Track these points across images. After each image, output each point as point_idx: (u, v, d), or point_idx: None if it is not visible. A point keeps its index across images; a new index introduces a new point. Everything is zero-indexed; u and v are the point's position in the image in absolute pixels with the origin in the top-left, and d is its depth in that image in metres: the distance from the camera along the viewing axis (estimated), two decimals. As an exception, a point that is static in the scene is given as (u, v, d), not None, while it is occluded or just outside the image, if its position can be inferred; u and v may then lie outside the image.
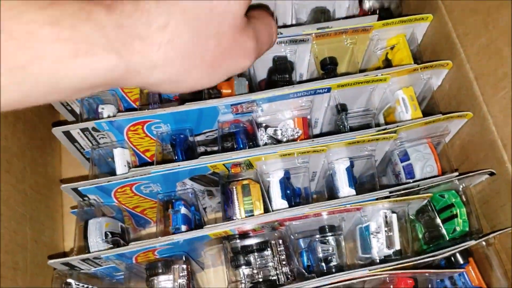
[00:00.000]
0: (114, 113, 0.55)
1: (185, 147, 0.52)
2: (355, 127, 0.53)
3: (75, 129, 0.51)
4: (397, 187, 0.47)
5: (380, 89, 0.52)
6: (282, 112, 0.52)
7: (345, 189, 0.50)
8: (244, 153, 0.47)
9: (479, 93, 0.47)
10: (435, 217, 0.49)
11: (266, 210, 0.48)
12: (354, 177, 0.51)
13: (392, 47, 0.54)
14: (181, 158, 0.51)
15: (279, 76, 0.53)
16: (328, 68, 0.54)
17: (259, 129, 0.52)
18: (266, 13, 0.34)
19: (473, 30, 0.47)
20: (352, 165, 0.51)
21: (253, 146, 0.50)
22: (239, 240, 0.49)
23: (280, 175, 0.50)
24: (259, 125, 0.52)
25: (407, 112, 0.51)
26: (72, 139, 0.53)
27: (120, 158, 0.53)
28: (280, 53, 0.53)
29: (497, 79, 0.44)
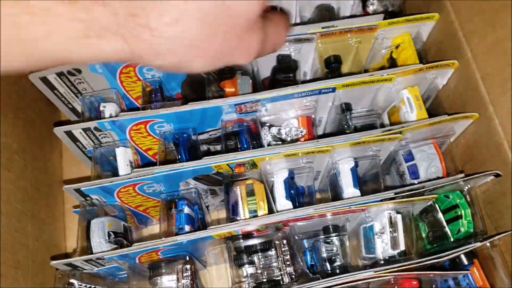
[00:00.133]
0: (116, 111, 0.55)
1: (188, 146, 0.52)
2: (360, 127, 0.53)
3: (77, 129, 0.50)
4: (402, 188, 0.46)
5: (385, 89, 0.51)
6: (286, 112, 0.51)
7: (350, 190, 0.49)
8: (249, 153, 0.47)
9: (485, 93, 0.47)
10: (440, 218, 0.49)
11: (270, 210, 0.47)
12: (359, 177, 0.51)
13: (397, 46, 0.54)
14: (184, 157, 0.51)
15: (283, 76, 0.52)
16: (333, 67, 0.54)
17: (263, 128, 0.51)
18: (282, 19, 0.34)
19: (480, 29, 0.47)
20: (357, 165, 0.50)
21: (257, 146, 0.50)
22: (243, 240, 0.49)
23: (284, 175, 0.50)
24: (263, 125, 0.52)
25: (412, 112, 0.51)
26: (74, 139, 0.52)
27: (123, 158, 0.52)
28: (285, 52, 0.53)
29: (504, 79, 0.44)
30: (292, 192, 0.51)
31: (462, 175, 0.48)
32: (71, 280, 0.49)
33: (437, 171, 0.51)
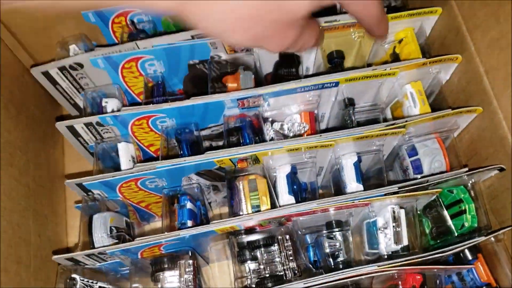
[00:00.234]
0: (118, 107, 0.54)
1: (191, 142, 0.52)
2: (362, 122, 0.52)
3: (79, 124, 0.50)
4: (406, 183, 0.46)
5: (388, 83, 0.51)
6: (289, 107, 0.51)
7: (353, 185, 0.49)
8: (251, 148, 0.47)
9: (489, 88, 0.46)
10: (444, 213, 0.49)
11: (273, 205, 0.47)
12: (362, 173, 0.51)
13: (400, 41, 0.54)
14: (187, 153, 0.51)
15: (286, 70, 0.52)
16: (335, 62, 0.53)
17: (266, 124, 0.51)
18: (317, 26, 0.37)
19: (484, 23, 0.46)
20: (360, 160, 0.50)
21: (260, 141, 0.49)
22: (246, 235, 0.48)
23: (287, 170, 0.50)
24: (266, 120, 0.51)
25: (416, 107, 0.50)
26: (76, 134, 0.52)
27: (125, 153, 0.52)
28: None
29: (508, 73, 0.44)
30: (295, 187, 0.50)
31: (466, 169, 0.47)
32: (73, 275, 0.48)
33: (441, 166, 0.51)
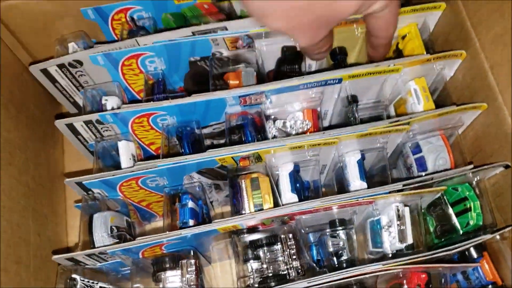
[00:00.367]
0: (118, 105, 0.54)
1: (192, 140, 0.51)
2: (366, 119, 0.52)
3: (79, 122, 0.50)
4: (411, 180, 0.46)
5: (392, 80, 0.50)
6: (291, 104, 0.50)
7: (357, 182, 0.49)
8: (253, 146, 0.46)
9: (494, 84, 0.46)
10: (448, 211, 0.48)
11: (276, 204, 0.47)
12: (365, 170, 0.50)
13: (404, 37, 0.53)
14: (188, 151, 0.50)
15: (289, 67, 0.51)
16: (338, 58, 0.53)
17: (268, 121, 0.50)
18: (332, 37, 0.39)
19: (488, 18, 0.46)
20: (363, 158, 0.50)
21: (262, 139, 0.49)
22: (248, 234, 0.48)
23: (290, 168, 0.49)
24: (268, 117, 0.51)
25: (419, 104, 0.50)
26: (76, 132, 0.51)
27: (125, 151, 0.51)
28: (290, 43, 0.52)
29: (513, 69, 0.43)
30: (298, 186, 0.50)
31: (471, 167, 0.47)
32: (73, 275, 0.48)
33: (445, 163, 0.50)
